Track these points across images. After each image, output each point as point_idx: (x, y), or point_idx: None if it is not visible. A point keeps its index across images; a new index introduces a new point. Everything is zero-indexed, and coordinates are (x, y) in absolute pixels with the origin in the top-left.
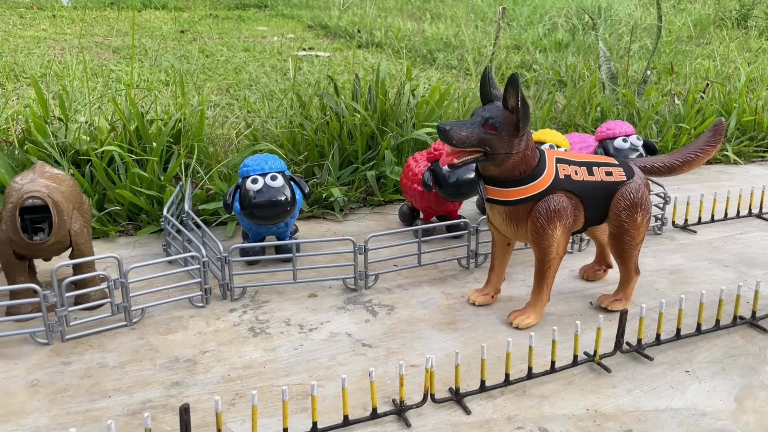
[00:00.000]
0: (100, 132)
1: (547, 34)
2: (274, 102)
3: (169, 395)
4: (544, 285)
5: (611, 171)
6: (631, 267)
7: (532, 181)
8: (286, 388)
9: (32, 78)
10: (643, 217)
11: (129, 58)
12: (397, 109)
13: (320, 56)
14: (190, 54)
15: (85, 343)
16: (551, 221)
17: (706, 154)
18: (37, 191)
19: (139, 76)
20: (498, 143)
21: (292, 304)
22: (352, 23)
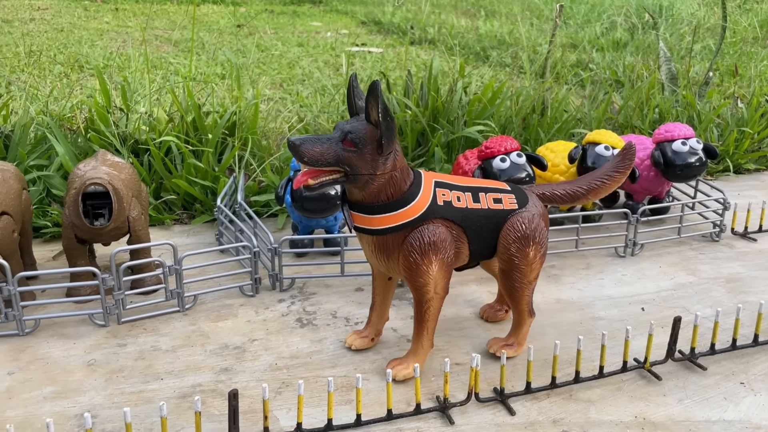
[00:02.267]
0: (159, 123)
1: (605, 33)
2: (326, 97)
3: (218, 380)
4: (423, 330)
5: (500, 198)
6: (524, 308)
7: (401, 208)
8: (331, 379)
9: (96, 69)
10: (537, 252)
11: (187, 51)
12: (449, 106)
13: (373, 52)
14: (246, 48)
15: (139, 326)
16: (425, 255)
17: (614, 181)
18: (99, 178)
19: (196, 69)
20: (359, 162)
21: (339, 297)
22: (405, 19)
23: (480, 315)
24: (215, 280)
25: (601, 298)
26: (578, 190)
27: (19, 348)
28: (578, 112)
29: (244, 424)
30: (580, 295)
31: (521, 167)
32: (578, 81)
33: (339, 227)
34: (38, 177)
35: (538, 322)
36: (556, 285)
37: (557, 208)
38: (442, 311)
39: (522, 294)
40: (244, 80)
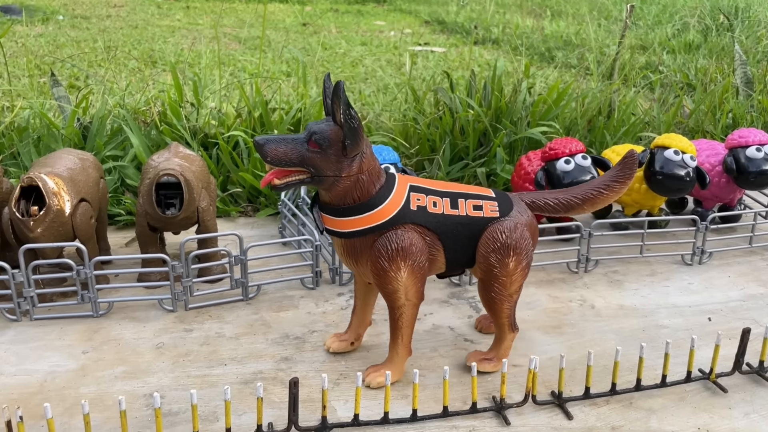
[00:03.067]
0: (227, 117)
1: (677, 35)
2: (389, 95)
3: (279, 369)
4: (398, 338)
5: (481, 205)
6: (504, 322)
7: (367, 211)
8: (389, 374)
9: (170, 65)
10: (517, 264)
11: (254, 48)
12: (513, 106)
13: (436, 52)
14: (311, 46)
15: (205, 313)
16: (394, 261)
17: (612, 192)
18: (171, 169)
19: (262, 67)
20: (323, 163)
21: None
22: (469, 19)
23: (475, 326)
24: (277, 271)
25: (666, 306)
26: (572, 199)
27: (93, 329)
28: (646, 115)
29: (303, 413)
30: (643, 302)
31: (586, 170)
32: (647, 83)
33: None
34: (114, 167)
35: (599, 327)
36: (618, 290)
37: (621, 212)
38: None
39: (501, 307)
40: (308, 78)
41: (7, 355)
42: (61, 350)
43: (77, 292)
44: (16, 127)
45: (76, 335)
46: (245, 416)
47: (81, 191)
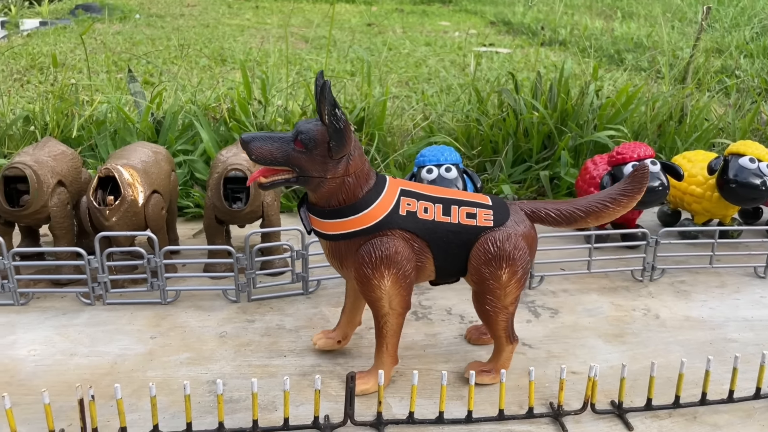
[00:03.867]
0: (293, 115)
1: (755, 38)
2: (452, 96)
3: (336, 363)
4: (383, 346)
5: (475, 213)
6: (501, 334)
7: (352, 214)
8: (445, 373)
9: (240, 64)
10: (511, 275)
11: (320, 48)
12: (579, 109)
13: (500, 53)
14: (375, 46)
15: (266, 305)
16: (377, 269)
17: (619, 205)
18: (239, 164)
19: (327, 66)
20: (308, 164)
21: (455, 294)
22: (536, 20)
23: (465, 336)
24: None
25: (735, 319)
26: (575, 211)
27: (161, 315)
28: (721, 121)
29: (358, 407)
30: (711, 314)
31: (655, 176)
32: (722, 88)
33: None
34: (184, 161)
35: (663, 338)
36: (685, 301)
37: (691, 220)
38: (560, 318)
39: (496, 319)
40: (372, 78)
41: (81, 337)
42: (130, 334)
43: (147, 279)
44: (95, 120)
45: (145, 321)
46: (302, 407)
47: (154, 183)
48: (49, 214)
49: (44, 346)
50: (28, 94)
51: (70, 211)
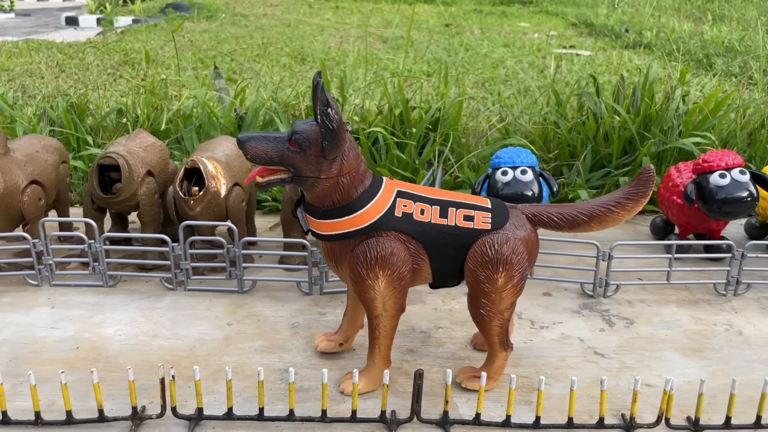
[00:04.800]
0: (369, 114)
1: None
2: (529, 98)
3: (404, 360)
4: (375, 347)
5: (473, 215)
6: (494, 340)
7: (346, 215)
8: (514, 377)
9: (320, 63)
10: (507, 280)
11: (397, 48)
12: (664, 114)
13: (581, 55)
14: (452, 47)
15: (337, 299)
16: (371, 269)
17: (624, 210)
18: None
19: (402, 66)
20: (303, 164)
21: (526, 299)
22: (620, 22)
23: (471, 341)
24: None
25: None
26: (578, 215)
27: (238, 303)
28: None
29: (425, 405)
30: None
31: (743, 186)
32: None
33: None
34: None
35: (746, 356)
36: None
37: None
38: (636, 328)
39: (491, 324)
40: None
41: (163, 320)
42: (209, 320)
43: (226, 268)
44: (182, 114)
45: (223, 308)
46: (369, 401)
47: (235, 176)
48: (138, 202)
49: (129, 326)
50: (120, 88)
51: (157, 199)
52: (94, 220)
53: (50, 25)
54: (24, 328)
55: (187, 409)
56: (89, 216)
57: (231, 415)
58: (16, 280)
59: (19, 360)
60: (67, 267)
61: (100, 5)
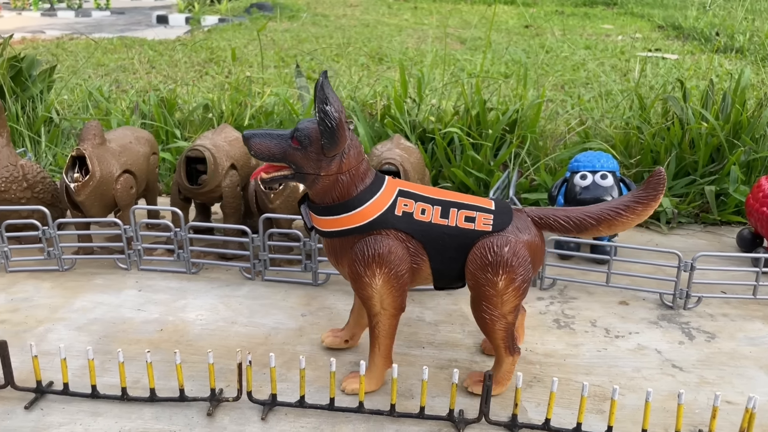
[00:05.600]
0: (445, 114)
1: None
2: (611, 102)
3: (473, 360)
4: (375, 346)
5: (474, 216)
6: (499, 344)
7: (344, 212)
8: (586, 384)
9: (399, 63)
10: (508, 283)
11: (474, 49)
12: (755, 122)
13: (667, 59)
14: (531, 48)
15: (409, 296)
16: (369, 267)
17: (633, 213)
18: (392, 158)
19: (480, 67)
20: (303, 161)
21: (601, 306)
22: (711, 25)
23: (480, 345)
24: None
25: None
26: (585, 219)
27: (311, 295)
28: None
29: (493, 407)
30: None
31: None
32: None
33: (610, 236)
34: None
35: None
36: None
37: None
38: (717, 343)
39: (494, 327)
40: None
41: (241, 308)
42: (284, 310)
43: (302, 261)
44: (264, 111)
45: (297, 299)
46: (437, 399)
47: None
48: (221, 194)
49: (209, 312)
50: (206, 85)
51: (239, 192)
52: (180, 209)
53: (142, 23)
54: (113, 309)
55: (262, 395)
56: (176, 205)
57: (303, 403)
58: (107, 263)
59: (108, 338)
60: (154, 253)
61: (189, 4)
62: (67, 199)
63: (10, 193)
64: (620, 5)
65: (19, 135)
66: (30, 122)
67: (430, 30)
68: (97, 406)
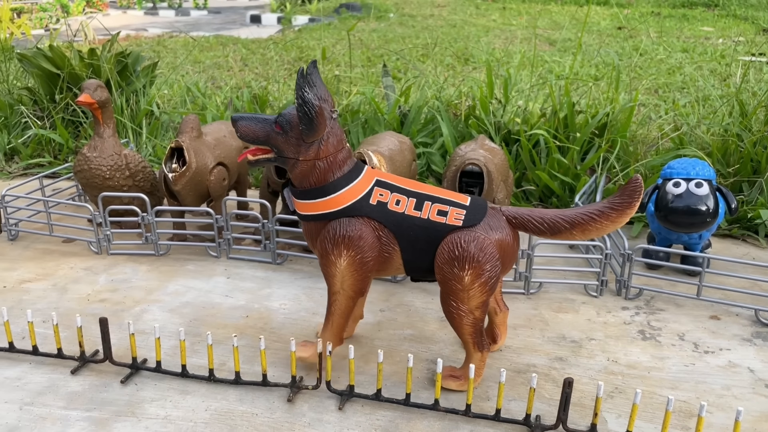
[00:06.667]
0: (532, 116)
1: None
2: (708, 107)
3: (551, 367)
4: (328, 322)
5: (447, 211)
6: (467, 339)
7: (320, 197)
8: (672, 398)
9: (487, 63)
10: (474, 279)
11: (564, 50)
12: None
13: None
14: (624, 51)
15: None
16: (337, 246)
17: (607, 220)
18: (476, 159)
19: (570, 69)
20: (284, 145)
21: (690, 320)
22: None
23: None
24: (560, 272)
25: None
26: (558, 221)
27: (390, 291)
28: None
29: (572, 415)
30: None
31: None
32: None
33: (703, 247)
34: (423, 152)
35: None
36: None
37: None
38: None
39: (461, 323)
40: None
41: (323, 299)
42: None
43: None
44: (350, 109)
45: (376, 295)
46: (513, 403)
47: (397, 170)
48: None
49: (293, 302)
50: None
51: None
52: (269, 201)
53: (237, 22)
54: (203, 294)
55: (340, 385)
56: (264, 198)
57: (379, 396)
58: (199, 250)
59: (197, 321)
60: (242, 243)
61: (281, 4)
62: (165, 188)
63: (114, 180)
64: (722, 7)
65: (122, 126)
66: (133, 115)
67: (519, 31)
68: (186, 385)
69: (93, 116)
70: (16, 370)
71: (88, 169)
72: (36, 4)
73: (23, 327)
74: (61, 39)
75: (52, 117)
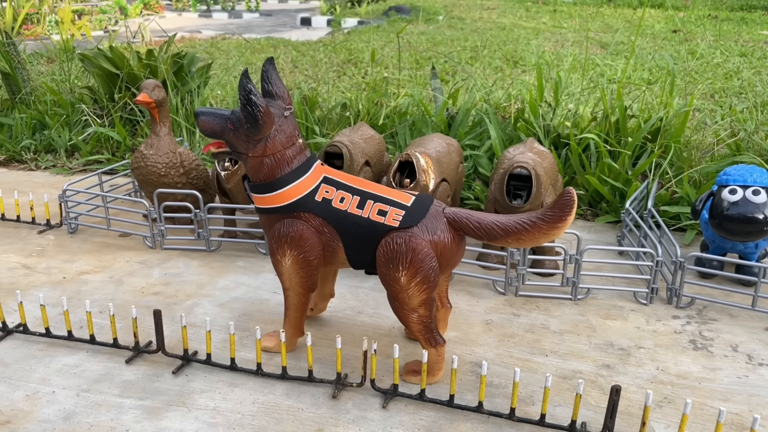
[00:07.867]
0: (582, 120)
1: None
2: (766, 113)
3: (598, 374)
4: (286, 316)
5: (387, 211)
6: (418, 336)
7: (267, 192)
8: (723, 410)
9: (537, 66)
10: (410, 279)
11: (615, 54)
12: None
13: None
14: (679, 54)
15: (533, 303)
16: (280, 246)
17: (537, 230)
18: (525, 162)
19: (622, 72)
20: (236, 141)
21: (744, 331)
22: None
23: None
24: (609, 279)
25: None
26: (494, 227)
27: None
28: None
29: (618, 424)
30: None
31: None
32: None
33: (759, 256)
34: (470, 155)
35: None
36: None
37: None
38: None
39: (408, 320)
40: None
41: (368, 299)
42: None
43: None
44: (398, 111)
45: None
46: (559, 408)
47: (444, 172)
48: None
49: (338, 300)
50: (344, 85)
51: None
52: None
53: (287, 24)
54: (252, 290)
55: (383, 384)
56: None
57: (423, 396)
58: (248, 247)
59: (246, 316)
60: None
61: (331, 7)
62: (217, 186)
63: (169, 178)
64: None
65: (177, 125)
66: (187, 114)
67: (569, 34)
68: (234, 378)
69: (150, 115)
70: (74, 357)
71: (144, 166)
72: (96, 7)
73: (81, 317)
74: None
75: (111, 115)
